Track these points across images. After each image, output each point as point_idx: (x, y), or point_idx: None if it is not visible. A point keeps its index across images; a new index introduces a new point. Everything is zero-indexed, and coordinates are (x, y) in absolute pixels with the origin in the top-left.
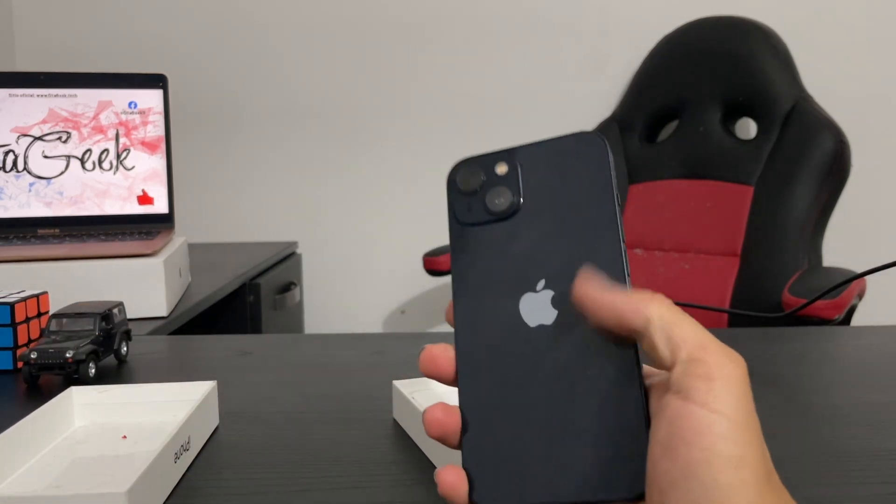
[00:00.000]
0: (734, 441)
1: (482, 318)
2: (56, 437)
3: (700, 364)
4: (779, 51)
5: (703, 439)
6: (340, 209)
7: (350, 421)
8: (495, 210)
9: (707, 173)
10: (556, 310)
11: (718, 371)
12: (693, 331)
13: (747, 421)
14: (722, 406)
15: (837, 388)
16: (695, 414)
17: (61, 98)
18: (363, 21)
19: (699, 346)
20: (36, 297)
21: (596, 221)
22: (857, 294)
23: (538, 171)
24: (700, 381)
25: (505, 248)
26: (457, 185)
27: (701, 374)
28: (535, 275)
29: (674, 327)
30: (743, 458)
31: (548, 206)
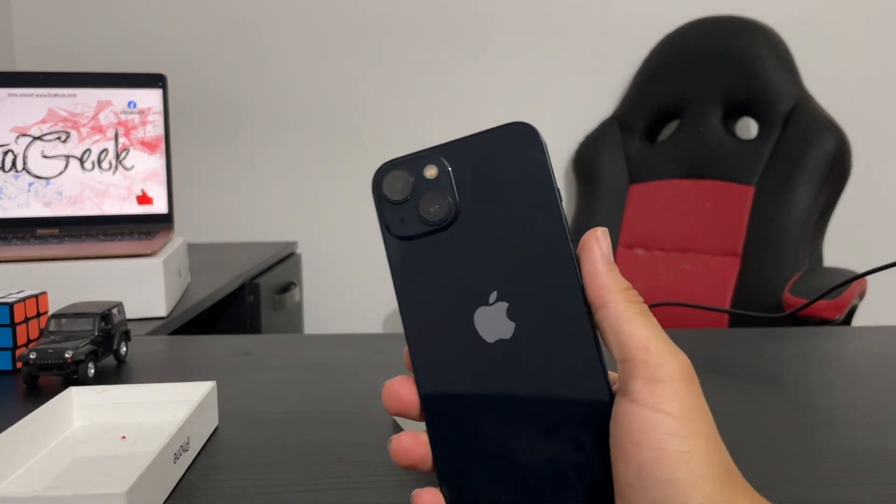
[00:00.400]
0: (682, 437)
1: (438, 341)
2: (55, 438)
3: (642, 365)
4: (779, 50)
5: (651, 438)
6: (340, 209)
7: (350, 421)
8: (431, 219)
9: (708, 173)
10: (512, 322)
11: (660, 371)
12: (641, 329)
13: (694, 416)
14: (666, 405)
15: (837, 388)
16: (640, 414)
17: (60, 98)
18: (363, 21)
19: (642, 347)
20: (35, 297)
21: (540, 220)
22: (857, 294)
23: (470, 170)
24: (643, 383)
25: (448, 260)
26: (384, 195)
27: (643, 375)
28: (485, 287)
29: (624, 322)
30: (693, 454)
31: (487, 208)
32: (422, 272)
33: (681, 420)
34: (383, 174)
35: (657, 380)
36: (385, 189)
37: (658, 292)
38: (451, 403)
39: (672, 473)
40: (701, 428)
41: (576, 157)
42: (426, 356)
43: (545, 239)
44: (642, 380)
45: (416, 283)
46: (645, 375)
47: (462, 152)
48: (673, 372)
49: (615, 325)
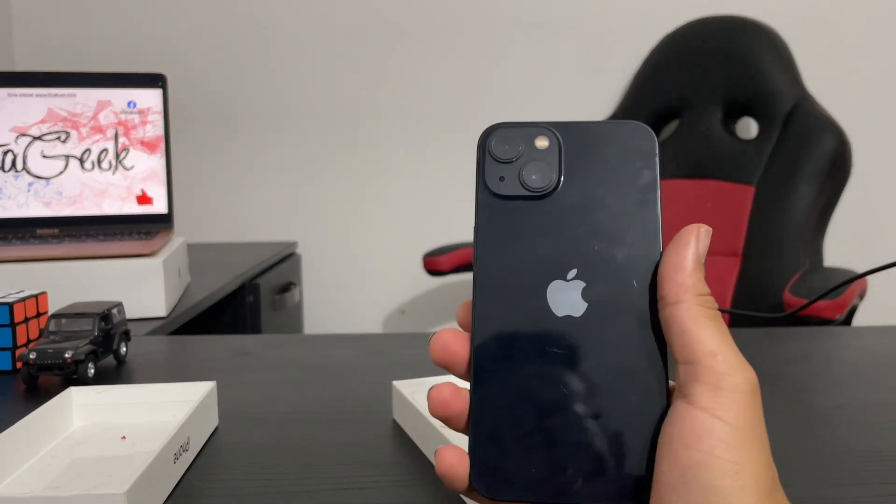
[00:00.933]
0: (734, 447)
1: (504, 301)
2: (55, 438)
3: (708, 371)
4: (780, 50)
5: (703, 443)
6: (340, 209)
7: (350, 421)
8: (532, 185)
9: (708, 173)
10: (585, 302)
11: (726, 380)
12: (711, 335)
13: (750, 430)
14: (724, 413)
15: (837, 388)
16: (696, 417)
17: (60, 98)
18: (362, 21)
19: (710, 353)
20: (35, 297)
21: (636, 214)
22: (858, 294)
23: (581, 152)
24: (705, 388)
25: (537, 228)
26: (491, 151)
27: (709, 381)
28: (566, 262)
29: (694, 325)
30: (742, 465)
31: (587, 190)
32: (507, 233)
33: (736, 430)
34: (493, 131)
35: (721, 387)
36: (492, 145)
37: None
38: (502, 366)
39: (717, 481)
40: (755, 443)
41: None
42: (490, 314)
43: (638, 233)
44: (706, 385)
45: (498, 243)
46: (709, 381)
47: (577, 134)
48: (738, 383)
49: (683, 325)
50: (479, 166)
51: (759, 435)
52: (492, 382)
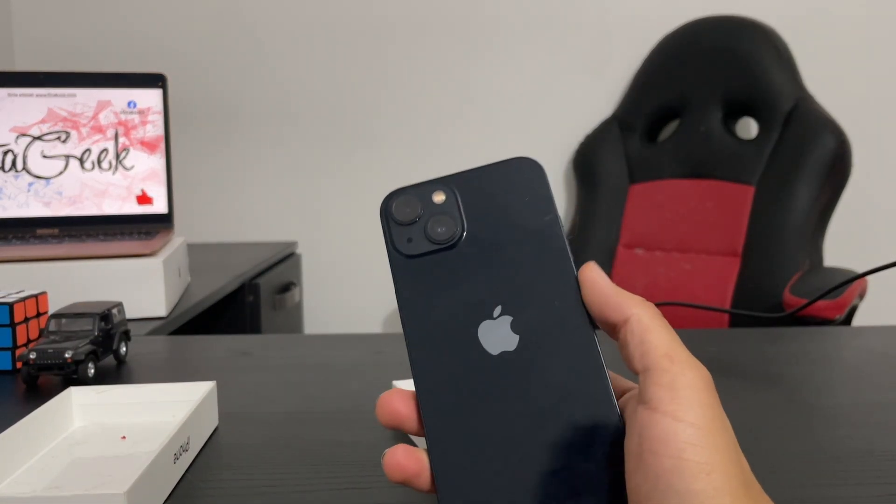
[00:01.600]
0: (703, 447)
1: (440, 353)
2: (55, 438)
3: (664, 373)
4: (779, 50)
5: (670, 447)
6: (340, 209)
7: (350, 421)
8: (438, 239)
9: (708, 173)
10: (516, 335)
11: (681, 379)
12: (662, 338)
13: (714, 427)
14: (686, 414)
15: (837, 388)
16: (660, 423)
17: (60, 98)
18: (363, 21)
19: (665, 355)
20: (35, 297)
21: (543, 242)
22: (858, 294)
23: (477, 197)
24: (664, 391)
25: (453, 277)
26: (393, 217)
27: (664, 383)
28: (490, 301)
29: (647, 332)
30: (713, 465)
31: (492, 231)
32: (426, 288)
33: (701, 430)
34: (392, 199)
35: (678, 388)
36: (394, 211)
37: (658, 292)
38: (453, 416)
39: (690, 485)
40: (720, 440)
41: (576, 157)
42: (428, 368)
43: (548, 259)
44: (663, 387)
45: (421, 300)
46: (666, 383)
47: (469, 181)
48: (694, 381)
49: (639, 336)
50: (385, 233)
51: (724, 431)
52: (447, 435)
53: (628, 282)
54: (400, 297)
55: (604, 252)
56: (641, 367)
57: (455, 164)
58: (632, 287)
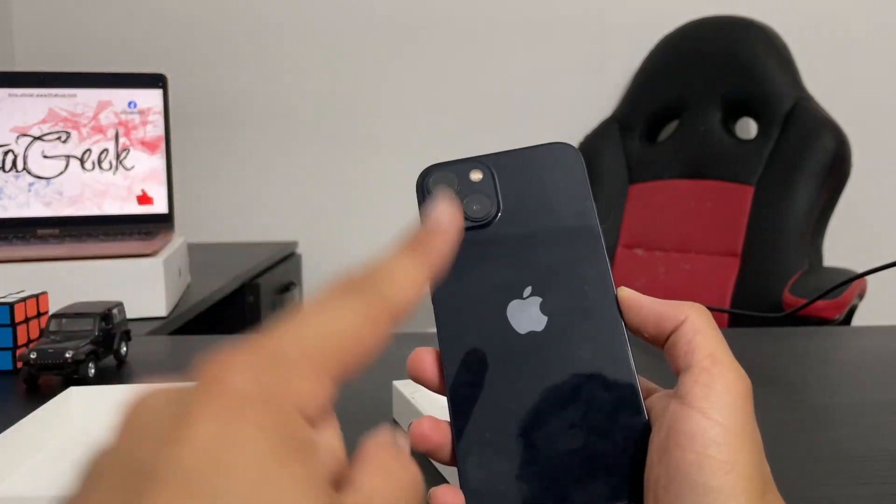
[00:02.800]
0: (727, 447)
1: (469, 327)
2: (56, 438)
3: (704, 373)
4: (779, 51)
5: (696, 443)
6: (340, 209)
7: (350, 421)
8: (474, 216)
9: (707, 173)
10: (545, 316)
11: (720, 381)
12: (710, 341)
13: (743, 431)
14: (717, 413)
15: (837, 388)
16: (691, 418)
17: (61, 98)
18: (363, 21)
19: (708, 356)
20: (35, 297)
21: (577, 228)
22: (857, 294)
23: (513, 178)
24: (699, 388)
25: (486, 255)
26: (430, 192)
27: (702, 381)
28: (520, 281)
29: (696, 333)
30: (734, 465)
31: (526, 212)
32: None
33: (728, 430)
34: (429, 174)
35: (714, 387)
36: (430, 186)
37: (658, 292)
38: (477, 393)
39: (709, 480)
40: (746, 443)
41: None
42: (455, 343)
43: (581, 245)
44: (700, 385)
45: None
46: (703, 382)
47: (506, 161)
48: (732, 384)
49: (688, 336)
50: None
51: (752, 436)
52: (470, 410)
53: (628, 282)
54: None
55: None
56: (684, 366)
57: None
58: (631, 287)
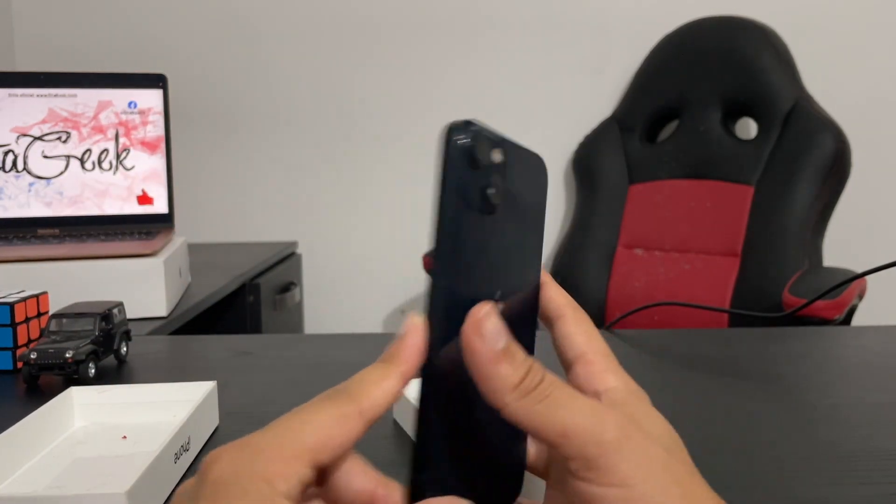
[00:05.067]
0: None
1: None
2: (56, 438)
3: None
4: (779, 51)
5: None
6: (340, 209)
7: None
8: (491, 201)
9: (707, 173)
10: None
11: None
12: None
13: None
14: (608, 477)
15: (837, 388)
16: (587, 491)
17: (61, 98)
18: (363, 21)
19: (561, 434)
20: (36, 297)
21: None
22: (857, 294)
23: (516, 173)
24: (577, 462)
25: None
26: (469, 155)
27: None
28: (496, 282)
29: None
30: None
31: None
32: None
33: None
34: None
35: (589, 456)
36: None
37: (658, 292)
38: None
39: None
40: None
41: (575, 157)
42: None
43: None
44: (576, 459)
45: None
46: (577, 455)
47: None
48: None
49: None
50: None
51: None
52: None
53: (628, 282)
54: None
55: (603, 252)
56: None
57: None
58: (631, 287)
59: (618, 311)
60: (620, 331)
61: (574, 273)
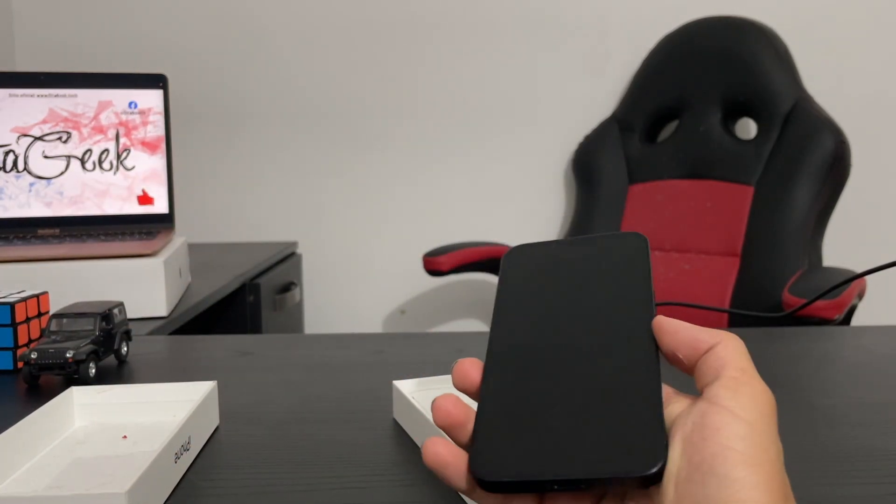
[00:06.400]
0: (752, 443)
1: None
2: (56, 437)
3: (733, 380)
4: (779, 51)
5: (720, 435)
6: (340, 209)
7: (350, 421)
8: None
9: (707, 173)
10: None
11: (748, 389)
12: (741, 359)
13: (767, 434)
14: (743, 412)
15: (837, 388)
16: (718, 413)
17: (61, 98)
18: (363, 21)
19: (739, 369)
20: (36, 297)
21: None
22: (857, 294)
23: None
24: (728, 392)
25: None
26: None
27: (730, 386)
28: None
29: (729, 351)
30: (758, 462)
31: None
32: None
33: (753, 429)
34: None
35: (741, 391)
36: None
37: (658, 292)
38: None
39: (731, 471)
40: (770, 448)
41: (575, 158)
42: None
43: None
44: (728, 389)
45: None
46: (732, 386)
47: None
48: (758, 395)
49: (721, 353)
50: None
51: (775, 443)
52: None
53: None
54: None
55: None
56: (713, 377)
57: (456, 165)
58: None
59: None
60: None
61: None
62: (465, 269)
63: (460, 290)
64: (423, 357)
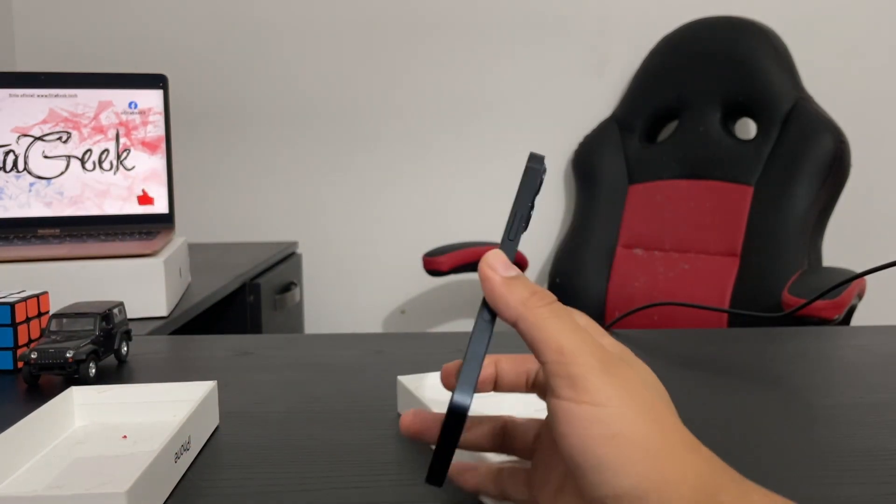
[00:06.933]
0: (603, 421)
1: None
2: (56, 437)
3: (558, 365)
4: (779, 51)
5: (575, 427)
6: (340, 209)
7: (351, 421)
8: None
9: (707, 173)
10: None
11: (575, 368)
12: (551, 332)
13: (617, 400)
14: (585, 396)
15: (837, 388)
16: (563, 408)
17: (61, 98)
18: (363, 21)
19: (555, 349)
20: (36, 297)
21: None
22: (856, 294)
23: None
24: (560, 380)
25: None
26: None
27: (561, 374)
28: None
29: (534, 331)
30: (618, 434)
31: None
32: None
33: (601, 407)
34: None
35: (573, 375)
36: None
37: (657, 292)
38: None
39: (599, 457)
40: (627, 411)
41: (575, 158)
42: None
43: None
44: (560, 377)
45: None
46: (562, 373)
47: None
48: (589, 364)
49: (529, 336)
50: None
51: (631, 402)
52: None
53: (628, 282)
54: None
55: (603, 252)
56: (541, 361)
57: (456, 165)
58: (631, 287)
59: (617, 311)
60: (620, 331)
61: (574, 273)
62: (465, 269)
63: (460, 290)
64: (423, 356)
